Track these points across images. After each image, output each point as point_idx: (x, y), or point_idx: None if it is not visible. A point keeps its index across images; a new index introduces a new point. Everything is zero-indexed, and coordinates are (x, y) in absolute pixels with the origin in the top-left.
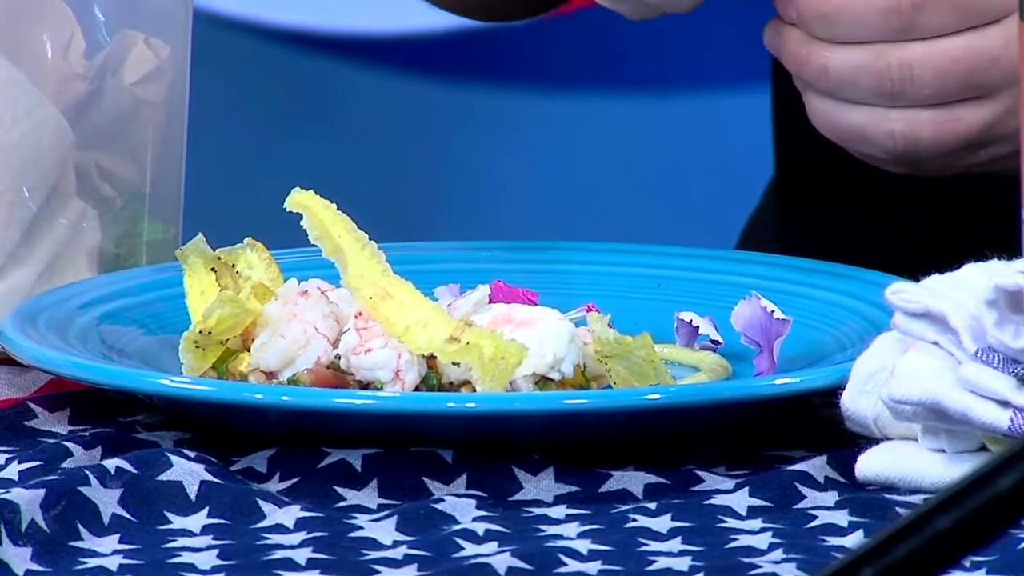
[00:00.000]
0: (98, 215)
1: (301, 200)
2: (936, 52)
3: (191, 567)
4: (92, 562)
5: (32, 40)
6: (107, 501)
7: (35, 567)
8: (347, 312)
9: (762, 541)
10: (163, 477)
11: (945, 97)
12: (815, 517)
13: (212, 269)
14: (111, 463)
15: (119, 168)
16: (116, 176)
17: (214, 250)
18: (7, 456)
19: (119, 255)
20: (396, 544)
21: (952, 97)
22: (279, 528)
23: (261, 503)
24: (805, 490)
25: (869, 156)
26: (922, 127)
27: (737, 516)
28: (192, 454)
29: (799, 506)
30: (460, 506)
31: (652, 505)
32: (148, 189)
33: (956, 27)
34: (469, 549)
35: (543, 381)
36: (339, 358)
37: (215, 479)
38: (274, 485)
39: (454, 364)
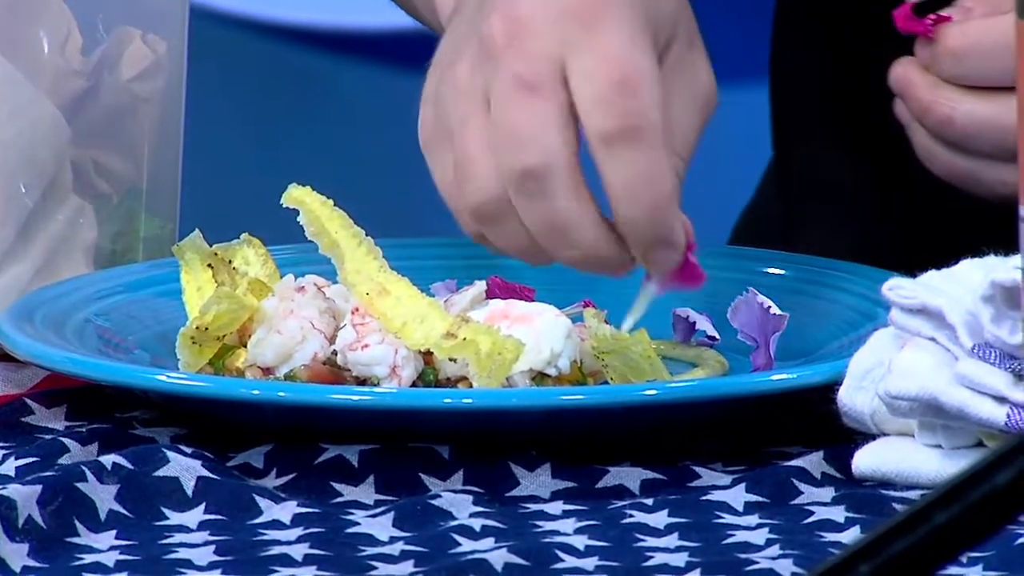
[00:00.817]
0: (94, 211)
1: (298, 196)
2: None
3: (188, 563)
4: (89, 558)
5: (29, 36)
6: (104, 497)
7: (32, 563)
8: (344, 308)
9: (759, 537)
10: (160, 473)
11: None
12: (812, 513)
13: (209, 265)
14: (108, 459)
15: (115, 164)
16: (112, 172)
17: (211, 246)
18: (4, 452)
19: (115, 251)
20: (393, 540)
21: None
22: (276, 524)
23: (258, 499)
24: (802, 486)
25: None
26: None
27: (734, 512)
28: (189, 450)
29: (796, 502)
30: (457, 502)
31: (649, 501)
32: (144, 185)
33: None
34: (466, 545)
35: (540, 377)
36: (336, 354)
37: (212, 475)
38: (271, 481)
39: (451, 360)
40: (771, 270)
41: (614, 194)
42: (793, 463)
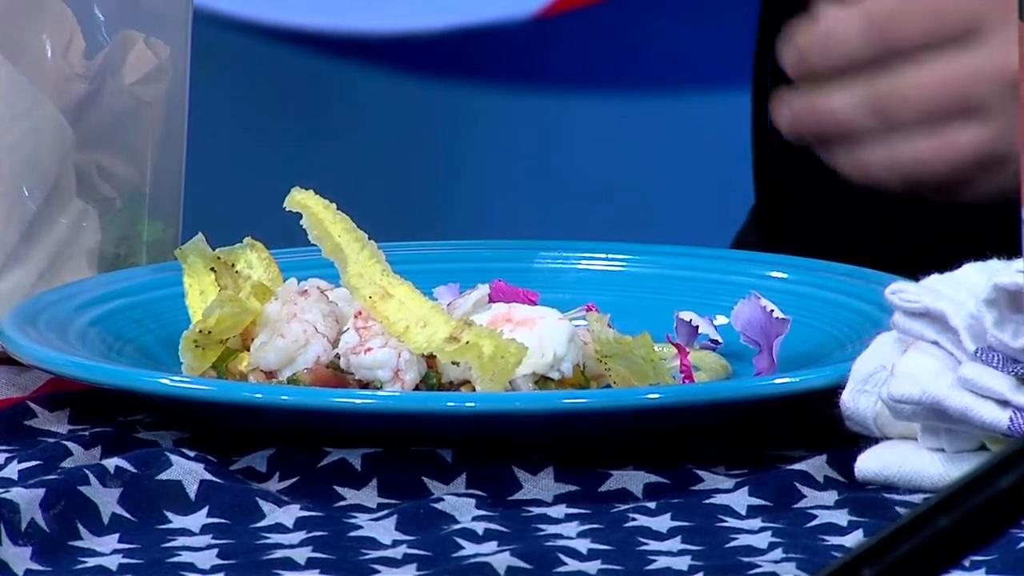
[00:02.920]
0: (98, 215)
1: (300, 199)
2: (927, 74)
3: (191, 566)
4: (92, 561)
5: (32, 40)
6: (107, 500)
7: (35, 567)
8: (347, 312)
9: (762, 540)
10: (163, 476)
11: (937, 118)
12: (815, 516)
13: (212, 269)
14: (111, 462)
15: (119, 168)
16: (116, 176)
17: (214, 250)
18: (7, 455)
19: (119, 255)
20: (396, 543)
21: (944, 118)
22: (279, 527)
23: (261, 502)
24: (805, 489)
25: (887, 187)
26: (923, 151)
27: (737, 515)
28: (192, 453)
29: (799, 505)
30: (460, 505)
31: (652, 504)
32: (148, 189)
33: (936, 37)
34: (469, 548)
35: (543, 380)
36: (339, 357)
37: (215, 478)
38: (274, 484)
39: (454, 363)
40: (774, 273)
41: None
42: (796, 467)
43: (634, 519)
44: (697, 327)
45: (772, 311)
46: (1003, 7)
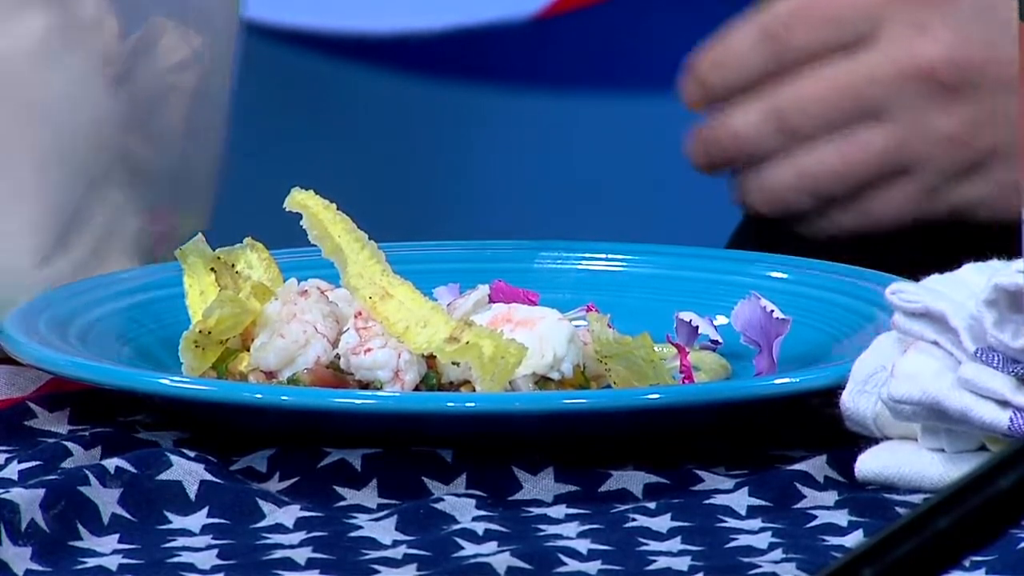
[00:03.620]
0: (136, 203)
1: (300, 200)
2: (822, 81)
3: (191, 567)
4: (92, 562)
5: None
6: (107, 501)
7: (35, 567)
8: (347, 312)
9: (762, 541)
10: (163, 477)
11: (838, 125)
12: (815, 517)
13: (212, 269)
14: (111, 463)
15: (149, 156)
16: (146, 165)
17: (214, 250)
18: (7, 456)
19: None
20: (396, 544)
21: (845, 124)
22: (279, 528)
23: (261, 503)
24: (805, 490)
25: (811, 222)
26: (830, 158)
27: (737, 516)
28: (192, 454)
29: (799, 506)
30: (460, 506)
31: (652, 505)
32: (176, 179)
33: (834, 43)
34: (469, 549)
35: (543, 381)
36: (339, 358)
37: (215, 479)
38: (274, 485)
39: (454, 364)
40: (774, 273)
41: None
42: (796, 467)
43: (634, 519)
44: (697, 327)
45: (772, 311)
46: (898, 5)
